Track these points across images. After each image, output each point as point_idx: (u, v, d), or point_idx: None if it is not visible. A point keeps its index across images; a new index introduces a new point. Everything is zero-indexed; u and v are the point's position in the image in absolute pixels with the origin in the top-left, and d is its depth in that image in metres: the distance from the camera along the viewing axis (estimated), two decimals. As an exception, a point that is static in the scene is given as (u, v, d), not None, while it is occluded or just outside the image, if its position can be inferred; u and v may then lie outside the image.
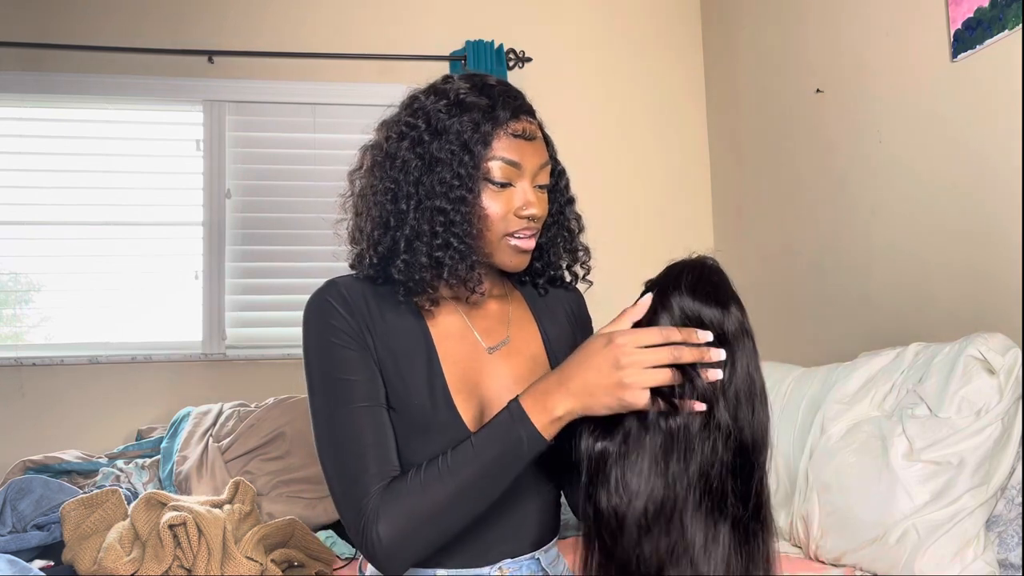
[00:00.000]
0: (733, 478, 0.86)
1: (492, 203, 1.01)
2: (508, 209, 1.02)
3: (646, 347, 0.84)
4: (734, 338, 0.88)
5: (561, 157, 1.13)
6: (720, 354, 0.85)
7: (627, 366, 0.84)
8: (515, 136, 1.02)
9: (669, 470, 0.84)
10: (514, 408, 0.90)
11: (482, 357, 1.08)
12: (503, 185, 1.02)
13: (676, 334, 0.85)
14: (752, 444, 0.87)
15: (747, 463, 0.87)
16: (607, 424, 0.89)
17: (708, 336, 0.85)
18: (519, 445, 0.89)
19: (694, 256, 0.94)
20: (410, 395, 1.01)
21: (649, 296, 0.90)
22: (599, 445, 0.88)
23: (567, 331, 1.18)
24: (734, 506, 0.86)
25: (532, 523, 1.08)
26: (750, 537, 0.87)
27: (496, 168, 1.01)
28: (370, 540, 0.91)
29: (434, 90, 1.05)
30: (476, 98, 1.02)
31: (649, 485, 0.84)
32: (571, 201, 1.16)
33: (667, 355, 0.84)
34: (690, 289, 0.89)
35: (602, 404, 0.86)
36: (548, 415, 0.88)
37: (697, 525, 0.84)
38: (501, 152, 1.01)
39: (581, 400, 0.86)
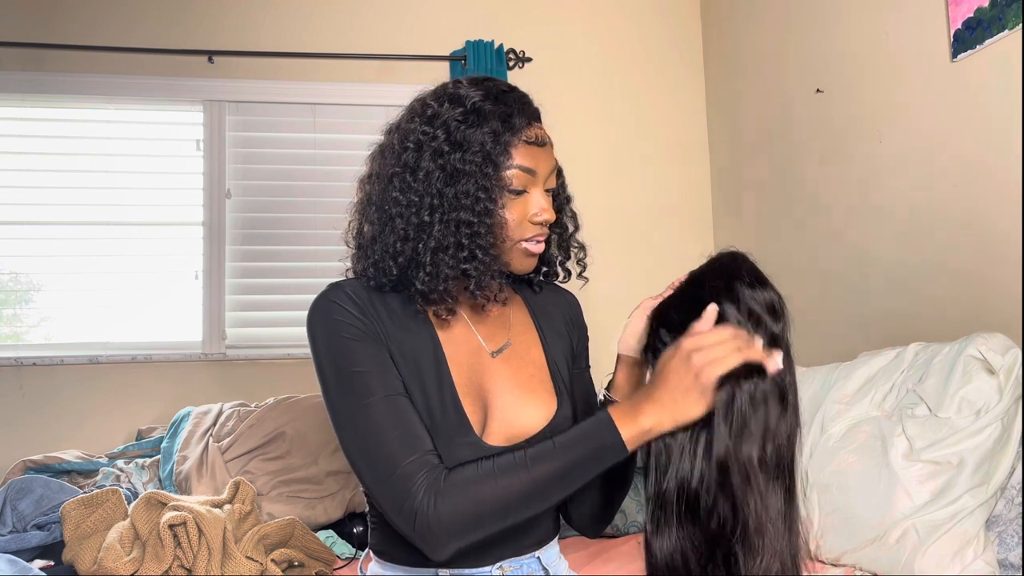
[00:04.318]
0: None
1: (509, 211, 1.02)
2: (523, 216, 1.03)
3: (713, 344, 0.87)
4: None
5: (560, 157, 1.14)
6: (778, 354, 0.89)
7: (704, 369, 0.86)
8: (529, 143, 1.03)
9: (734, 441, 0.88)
10: (603, 417, 0.91)
11: (485, 361, 1.08)
12: (518, 193, 1.02)
13: (738, 334, 0.88)
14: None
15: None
16: None
17: (760, 342, 0.90)
18: (602, 451, 0.90)
19: (725, 251, 0.99)
20: (419, 398, 1.01)
21: (714, 308, 0.91)
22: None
23: (564, 336, 1.19)
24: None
25: (533, 523, 1.07)
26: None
27: (514, 177, 1.01)
28: (425, 521, 0.89)
29: (448, 97, 1.03)
30: (493, 106, 1.01)
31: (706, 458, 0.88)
32: (569, 199, 1.17)
33: (733, 348, 0.87)
34: (752, 275, 0.94)
35: (688, 406, 0.87)
36: (636, 427, 0.89)
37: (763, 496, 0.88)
38: (519, 160, 1.01)
39: (668, 410, 0.88)
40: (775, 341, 0.92)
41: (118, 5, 2.79)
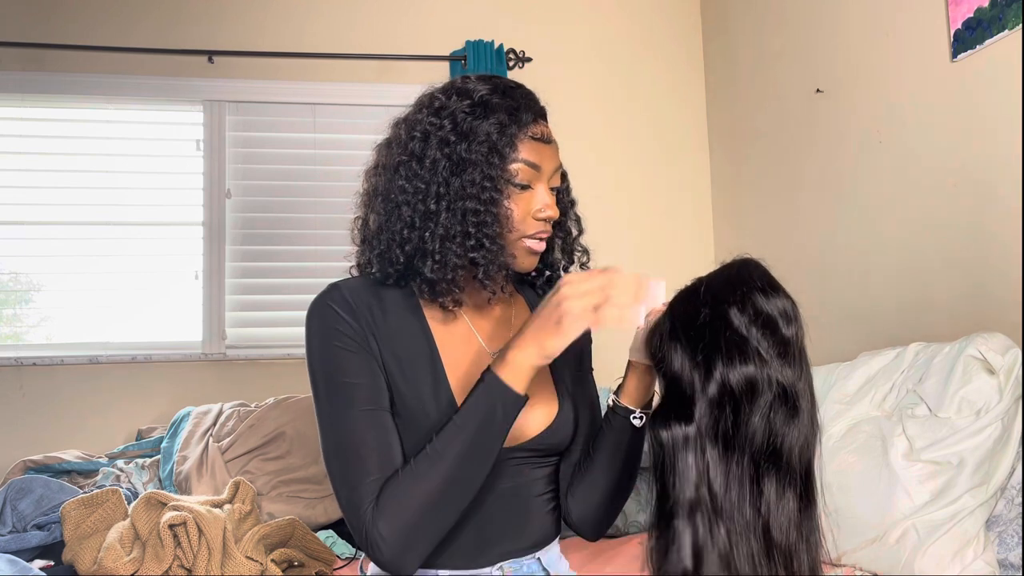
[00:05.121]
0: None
1: (514, 204, 1.02)
2: (527, 211, 1.03)
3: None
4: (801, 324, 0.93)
5: (561, 157, 1.13)
6: (660, 288, 0.92)
7: (564, 301, 0.89)
8: (535, 139, 1.03)
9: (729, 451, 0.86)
10: (486, 375, 0.93)
11: (485, 362, 1.07)
12: (523, 187, 1.02)
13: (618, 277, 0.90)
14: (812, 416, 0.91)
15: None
16: (677, 413, 0.90)
17: (661, 290, 0.92)
18: (495, 409, 0.92)
19: (737, 258, 0.97)
20: (414, 400, 1.01)
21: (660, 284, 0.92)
22: (670, 432, 0.89)
23: None
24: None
25: (533, 523, 1.08)
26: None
27: (519, 170, 1.02)
28: (374, 542, 0.91)
29: (456, 90, 1.04)
30: (500, 99, 1.02)
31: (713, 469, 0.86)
32: (573, 203, 1.17)
33: (599, 288, 0.89)
34: (764, 281, 0.93)
35: (549, 336, 0.90)
36: (512, 367, 0.92)
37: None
38: (524, 154, 1.02)
39: (535, 342, 0.91)
40: (788, 346, 0.91)
41: (118, 5, 2.79)
